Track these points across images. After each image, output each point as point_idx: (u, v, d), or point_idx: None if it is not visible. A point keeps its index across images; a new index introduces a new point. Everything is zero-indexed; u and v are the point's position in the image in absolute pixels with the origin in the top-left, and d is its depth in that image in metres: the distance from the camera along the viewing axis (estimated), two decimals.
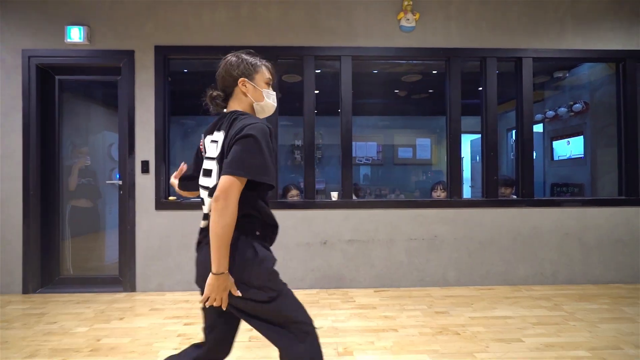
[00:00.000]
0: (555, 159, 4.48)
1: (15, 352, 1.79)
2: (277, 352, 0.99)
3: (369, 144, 6.16)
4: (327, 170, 5.64)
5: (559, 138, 4.47)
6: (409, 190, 5.97)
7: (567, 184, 4.25)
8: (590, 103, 3.75)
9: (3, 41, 2.70)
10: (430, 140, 6.33)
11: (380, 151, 6.14)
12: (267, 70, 1.13)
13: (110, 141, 3.80)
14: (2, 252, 2.70)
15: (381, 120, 6.35)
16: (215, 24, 2.76)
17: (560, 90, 4.67)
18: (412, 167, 6.32)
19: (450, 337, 1.94)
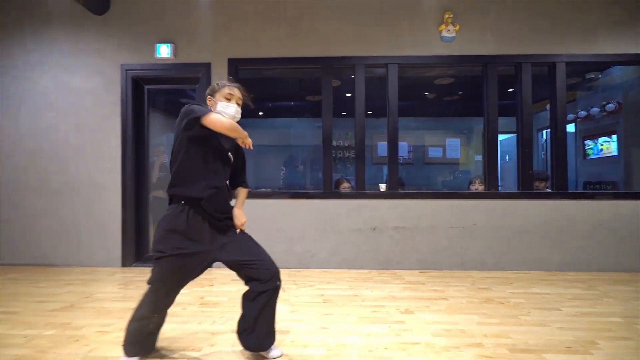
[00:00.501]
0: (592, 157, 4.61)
1: None
2: None
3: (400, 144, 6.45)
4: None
5: (591, 137, 4.62)
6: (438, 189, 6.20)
7: (600, 181, 4.41)
8: (623, 103, 3.93)
9: (105, 57, 3.25)
10: (460, 140, 6.57)
11: (411, 151, 6.43)
12: (230, 88, 1.53)
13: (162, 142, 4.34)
14: (105, 232, 3.24)
15: (412, 121, 6.64)
16: (279, 38, 3.20)
17: (592, 90, 4.82)
18: (442, 166, 6.58)
19: (495, 305, 2.25)
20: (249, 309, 1.48)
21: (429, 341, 1.74)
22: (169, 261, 1.40)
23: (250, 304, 1.47)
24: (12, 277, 2.89)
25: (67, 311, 2.16)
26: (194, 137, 1.43)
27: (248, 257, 1.48)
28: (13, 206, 3.27)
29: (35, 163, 3.26)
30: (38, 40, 3.26)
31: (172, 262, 1.40)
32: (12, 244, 3.27)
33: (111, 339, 1.78)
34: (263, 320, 1.47)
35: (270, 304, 1.48)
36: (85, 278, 2.89)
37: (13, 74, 3.27)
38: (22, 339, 1.78)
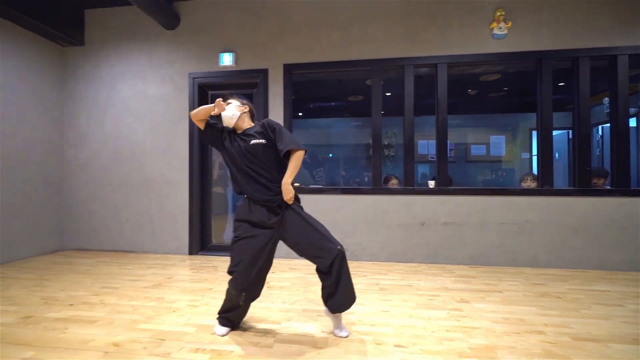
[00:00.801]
0: None
1: (219, 285, 2.57)
2: None
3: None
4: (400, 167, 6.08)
5: None
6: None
7: None
8: None
9: (175, 67, 3.64)
10: (505, 137, 6.41)
11: (453, 149, 6.37)
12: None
13: None
14: (175, 224, 3.63)
15: (454, 118, 6.58)
16: (331, 43, 3.40)
17: None
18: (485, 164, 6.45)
19: (553, 300, 2.28)
20: (326, 280, 1.69)
21: (488, 327, 1.85)
22: (241, 244, 1.70)
23: (325, 276, 1.69)
24: (102, 261, 3.35)
25: (157, 288, 2.51)
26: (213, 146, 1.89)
27: (305, 242, 1.68)
28: (99, 200, 3.76)
29: (117, 162, 3.73)
30: (120, 54, 3.73)
31: (243, 244, 1.70)
32: (98, 232, 3.76)
33: (201, 312, 2.07)
34: (341, 285, 1.66)
35: (343, 271, 1.65)
36: (162, 263, 3.28)
37: (99, 85, 3.76)
38: (131, 308, 2.13)
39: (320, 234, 1.68)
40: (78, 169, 3.81)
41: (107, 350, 1.61)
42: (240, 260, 1.69)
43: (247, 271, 1.69)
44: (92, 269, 3.06)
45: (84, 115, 3.80)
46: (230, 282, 1.71)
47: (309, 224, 1.71)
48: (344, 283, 1.66)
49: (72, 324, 1.89)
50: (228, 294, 1.76)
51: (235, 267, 1.70)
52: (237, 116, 1.79)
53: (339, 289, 1.66)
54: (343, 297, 1.67)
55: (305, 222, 1.72)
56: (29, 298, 2.31)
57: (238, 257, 1.70)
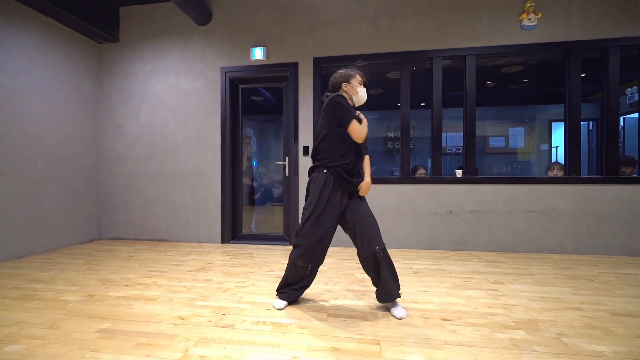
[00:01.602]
0: None
1: (259, 269, 2.71)
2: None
3: (459, 134, 6.47)
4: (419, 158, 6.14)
5: None
6: None
7: None
8: None
9: (207, 62, 3.76)
10: (524, 129, 6.42)
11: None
12: (359, 76, 1.89)
13: (249, 134, 4.82)
14: (207, 213, 3.78)
15: None
16: (361, 37, 3.48)
17: None
18: (504, 156, 6.48)
19: (584, 282, 2.36)
20: (368, 270, 1.83)
21: (527, 304, 1.94)
22: (313, 220, 1.80)
23: (366, 267, 1.83)
24: (141, 248, 3.52)
25: (202, 272, 2.66)
26: (340, 126, 1.81)
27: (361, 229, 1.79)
28: (135, 191, 3.93)
29: (152, 154, 3.89)
30: (153, 50, 3.86)
31: (316, 222, 1.80)
32: (134, 222, 3.94)
33: (251, 291, 2.21)
34: (382, 278, 1.78)
35: (382, 265, 1.76)
36: (198, 250, 3.43)
37: (134, 80, 3.91)
38: (183, 288, 2.27)
39: (373, 228, 1.80)
40: (114, 161, 3.98)
41: (175, 322, 1.76)
42: (310, 236, 1.80)
43: (313, 247, 1.80)
44: (134, 255, 3.23)
45: (120, 109, 3.95)
46: (296, 255, 1.84)
47: (370, 215, 1.84)
48: (384, 277, 1.77)
49: (134, 301, 2.04)
50: (292, 267, 1.89)
51: (302, 242, 1.82)
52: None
53: (381, 281, 1.79)
54: (384, 290, 1.81)
55: (368, 212, 1.85)
56: (86, 280, 2.47)
57: (309, 232, 1.81)
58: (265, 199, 5.64)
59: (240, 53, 3.70)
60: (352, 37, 3.50)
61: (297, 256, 1.84)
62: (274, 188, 5.92)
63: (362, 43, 3.48)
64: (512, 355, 1.38)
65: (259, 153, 6.33)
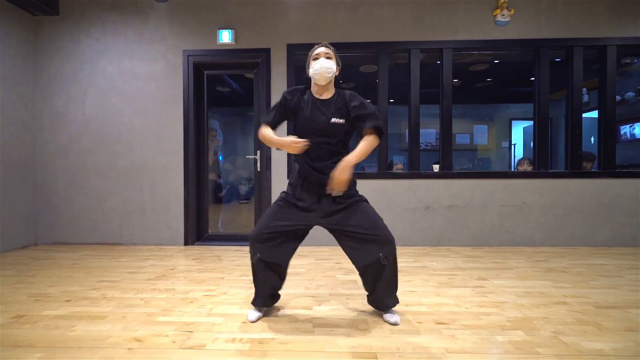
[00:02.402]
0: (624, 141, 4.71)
1: (230, 274, 2.43)
2: None
3: (429, 131, 6.58)
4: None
5: (625, 122, 4.72)
6: None
7: (633, 164, 4.52)
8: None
9: (168, 43, 3.36)
10: (487, 127, 6.68)
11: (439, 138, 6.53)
12: (314, 50, 1.61)
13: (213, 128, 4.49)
14: (168, 212, 3.40)
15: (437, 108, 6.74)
16: (337, 24, 3.30)
17: (625, 75, 4.89)
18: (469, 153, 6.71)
19: (560, 274, 2.40)
20: (363, 278, 1.66)
21: (516, 301, 1.90)
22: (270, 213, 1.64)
23: (362, 277, 1.66)
24: (89, 254, 3.06)
25: (163, 280, 2.33)
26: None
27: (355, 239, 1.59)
28: (81, 188, 3.42)
29: (101, 146, 3.41)
30: (103, 27, 3.37)
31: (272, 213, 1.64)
32: (81, 224, 3.43)
33: (222, 301, 1.94)
34: (379, 286, 1.61)
35: (381, 274, 1.58)
36: (158, 254, 3.06)
37: (78, 60, 3.39)
38: (140, 301, 1.95)
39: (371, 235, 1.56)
40: (55, 154, 3.43)
41: (130, 346, 1.45)
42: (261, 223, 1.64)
43: (260, 234, 1.60)
44: (79, 262, 2.78)
45: (62, 94, 3.41)
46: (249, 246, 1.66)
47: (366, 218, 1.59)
48: (381, 285, 1.61)
49: (77, 321, 1.69)
50: (252, 266, 1.68)
51: (254, 229, 1.65)
52: (333, 74, 1.58)
53: (377, 289, 1.62)
54: (380, 299, 1.65)
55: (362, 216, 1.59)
56: (15, 296, 2.04)
57: (262, 219, 1.66)
58: (231, 197, 5.30)
59: (205, 35, 3.34)
60: (328, 23, 3.31)
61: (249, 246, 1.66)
62: (240, 185, 5.58)
63: (339, 31, 3.31)
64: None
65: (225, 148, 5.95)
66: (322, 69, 1.56)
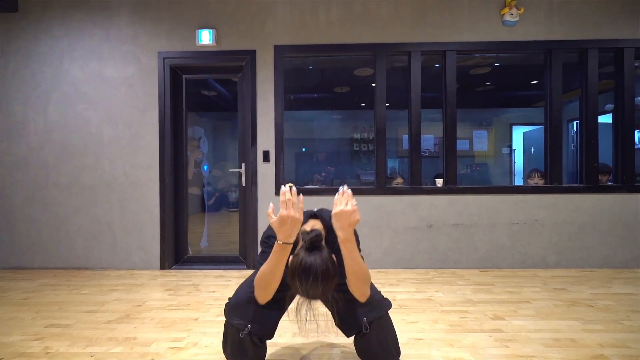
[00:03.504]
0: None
1: (205, 312, 2.08)
2: None
3: (426, 137, 6.29)
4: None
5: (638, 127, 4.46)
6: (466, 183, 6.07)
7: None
8: None
9: (140, 44, 3.00)
10: (487, 132, 6.41)
11: (437, 143, 6.26)
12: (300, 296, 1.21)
13: (198, 135, 4.12)
14: (141, 232, 3.03)
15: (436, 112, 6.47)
16: (329, 23, 2.98)
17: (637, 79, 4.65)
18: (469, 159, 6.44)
19: (585, 309, 2.10)
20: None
21: (545, 354, 1.58)
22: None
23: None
24: (47, 283, 2.69)
25: (124, 323, 1.97)
26: None
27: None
28: (42, 205, 3.04)
29: (65, 159, 3.03)
30: (66, 25, 3.00)
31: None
32: (42, 245, 3.05)
33: (189, 356, 1.59)
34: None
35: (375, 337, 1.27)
36: (126, 283, 2.69)
37: (39, 62, 3.01)
38: (90, 358, 1.59)
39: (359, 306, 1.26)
40: (12, 167, 3.04)
41: None
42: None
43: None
44: (32, 297, 2.40)
45: (20, 100, 3.03)
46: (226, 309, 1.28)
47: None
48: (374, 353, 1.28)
49: None
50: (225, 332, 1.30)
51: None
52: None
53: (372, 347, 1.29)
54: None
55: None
56: None
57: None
58: (219, 205, 4.95)
59: (182, 36, 2.99)
60: (320, 22, 2.98)
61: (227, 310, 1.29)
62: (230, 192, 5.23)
63: (332, 31, 2.98)
64: None
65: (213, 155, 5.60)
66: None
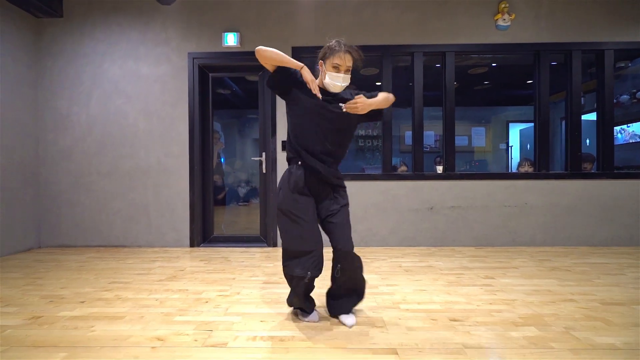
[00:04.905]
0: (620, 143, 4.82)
1: (240, 274, 2.45)
2: None
3: (427, 133, 6.64)
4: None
5: (619, 124, 4.84)
6: None
7: (628, 166, 4.63)
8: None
9: (172, 46, 3.37)
10: (485, 129, 6.78)
11: (438, 139, 6.62)
12: (339, 57, 1.45)
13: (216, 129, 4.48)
14: (173, 214, 3.39)
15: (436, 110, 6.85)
16: (341, 27, 3.34)
17: (620, 79, 5.02)
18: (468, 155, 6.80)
19: (564, 272, 2.46)
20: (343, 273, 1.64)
21: (524, 298, 1.95)
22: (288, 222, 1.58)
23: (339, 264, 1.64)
24: (94, 256, 3.05)
25: (174, 281, 2.33)
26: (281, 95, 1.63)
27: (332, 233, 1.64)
28: (85, 190, 3.41)
29: (105, 148, 3.40)
30: (107, 29, 3.37)
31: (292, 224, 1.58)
32: (84, 226, 3.41)
33: (237, 300, 1.96)
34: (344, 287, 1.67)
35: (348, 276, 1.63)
36: (164, 256, 3.05)
37: (82, 62, 3.38)
38: (155, 302, 1.95)
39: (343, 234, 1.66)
40: (58, 156, 3.41)
41: (153, 345, 1.47)
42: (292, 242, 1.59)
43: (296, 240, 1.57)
44: (86, 264, 2.77)
45: (65, 96, 3.39)
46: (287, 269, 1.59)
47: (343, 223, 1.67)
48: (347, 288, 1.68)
49: (95, 322, 1.70)
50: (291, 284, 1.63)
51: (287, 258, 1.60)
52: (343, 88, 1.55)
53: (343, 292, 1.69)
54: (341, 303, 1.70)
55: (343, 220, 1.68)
56: (28, 298, 2.03)
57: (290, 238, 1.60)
58: (230, 199, 5.31)
59: (210, 38, 3.36)
60: (332, 26, 3.35)
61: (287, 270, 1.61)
62: (239, 187, 5.59)
63: (343, 33, 3.34)
64: (536, 355, 1.33)
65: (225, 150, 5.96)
66: (337, 87, 1.52)
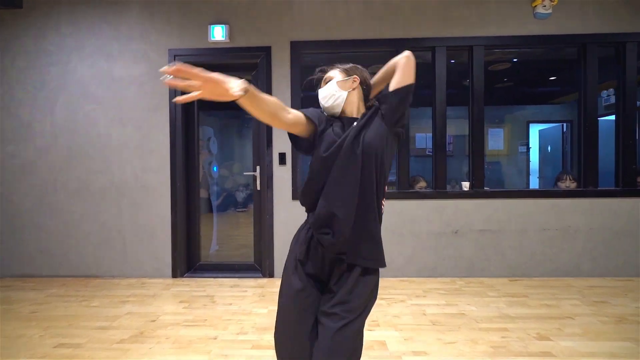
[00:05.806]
0: None
1: (224, 329, 1.95)
2: None
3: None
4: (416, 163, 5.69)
5: None
6: None
7: None
8: None
9: (150, 41, 2.86)
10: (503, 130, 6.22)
11: (452, 142, 6.07)
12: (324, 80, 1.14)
13: (207, 136, 3.97)
14: (153, 239, 2.90)
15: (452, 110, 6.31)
16: (349, 18, 2.82)
17: None
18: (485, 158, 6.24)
19: (636, 327, 1.93)
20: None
21: None
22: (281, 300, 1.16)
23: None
24: (56, 293, 2.57)
25: (139, 342, 1.84)
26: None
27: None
28: (50, 211, 2.92)
29: (73, 162, 2.91)
30: (74, 22, 2.87)
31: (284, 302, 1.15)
32: (50, 253, 2.93)
33: None
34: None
35: None
36: (138, 293, 2.56)
37: (46, 61, 2.89)
38: None
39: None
40: (19, 171, 2.93)
41: None
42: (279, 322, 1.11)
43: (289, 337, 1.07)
44: (40, 309, 2.28)
45: (26, 101, 2.91)
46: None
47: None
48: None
49: None
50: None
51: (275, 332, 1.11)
52: (342, 99, 1.09)
53: None
54: None
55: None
56: None
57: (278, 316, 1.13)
58: (227, 206, 4.83)
59: (194, 32, 2.85)
60: (340, 18, 2.82)
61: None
62: (238, 192, 5.11)
63: (352, 26, 2.82)
64: None
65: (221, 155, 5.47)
66: (322, 100, 1.13)
